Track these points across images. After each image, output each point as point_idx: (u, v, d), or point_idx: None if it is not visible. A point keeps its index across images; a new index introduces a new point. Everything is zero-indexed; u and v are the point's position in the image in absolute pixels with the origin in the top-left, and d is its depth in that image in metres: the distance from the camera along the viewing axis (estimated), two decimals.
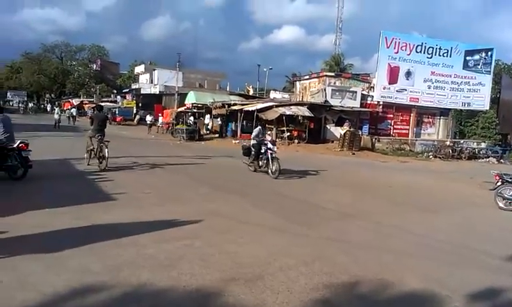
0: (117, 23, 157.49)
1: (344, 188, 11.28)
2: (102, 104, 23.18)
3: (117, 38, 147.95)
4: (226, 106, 29.15)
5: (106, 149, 11.24)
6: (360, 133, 27.68)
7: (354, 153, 23.89)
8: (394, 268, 5.28)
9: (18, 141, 9.26)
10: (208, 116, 30.07)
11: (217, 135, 28.57)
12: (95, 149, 11.47)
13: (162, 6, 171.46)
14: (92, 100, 57.20)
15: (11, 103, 66.53)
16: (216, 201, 8.48)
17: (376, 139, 28.66)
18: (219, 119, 29.90)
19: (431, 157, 27.17)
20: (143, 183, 9.99)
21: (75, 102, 55.07)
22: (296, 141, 25.98)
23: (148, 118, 31.68)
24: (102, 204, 7.56)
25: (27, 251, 4.87)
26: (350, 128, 26.76)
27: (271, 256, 5.31)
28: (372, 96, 31.34)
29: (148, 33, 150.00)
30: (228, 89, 41.74)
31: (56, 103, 52.88)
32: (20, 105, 53.09)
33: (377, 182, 13.66)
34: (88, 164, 11.69)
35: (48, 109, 36.62)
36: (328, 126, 28.82)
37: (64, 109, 46.89)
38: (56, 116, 29.61)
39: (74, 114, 39.67)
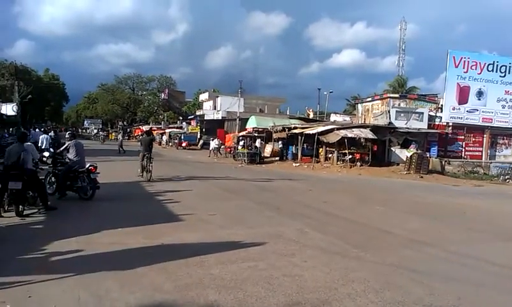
0: (183, 55, 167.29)
1: (412, 214, 10.70)
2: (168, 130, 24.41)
3: (183, 69, 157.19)
4: (287, 130, 29.31)
5: (151, 165, 14.43)
6: (428, 155, 26.26)
7: (422, 177, 22.67)
8: (473, 300, 4.88)
9: (88, 164, 10.18)
10: (259, 140, 30.34)
11: (277, 158, 28.74)
12: (144, 165, 14.59)
13: (224, 37, 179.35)
14: (160, 126, 60.58)
15: (87, 131, 72.56)
16: (277, 224, 8.48)
17: (445, 161, 27.00)
18: (280, 142, 30.12)
19: (508, 180, 24.96)
20: (208, 205, 10.28)
21: (145, 128, 58.61)
22: (359, 163, 25.27)
23: (214, 143, 32.10)
24: (171, 224, 7.91)
25: (103, 268, 5.20)
26: (417, 150, 25.51)
27: (336, 281, 5.17)
28: (441, 118, 29.76)
29: (211, 63, 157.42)
30: (288, 113, 41.98)
31: (119, 130, 56.66)
32: (100, 133, 57.12)
33: (450, 207, 12.80)
34: (140, 176, 14.50)
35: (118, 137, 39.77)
36: (392, 149, 27.69)
37: (135, 135, 50.03)
38: (118, 142, 32.73)
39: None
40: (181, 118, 65.80)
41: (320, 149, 27.37)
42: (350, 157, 25.14)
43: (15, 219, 7.74)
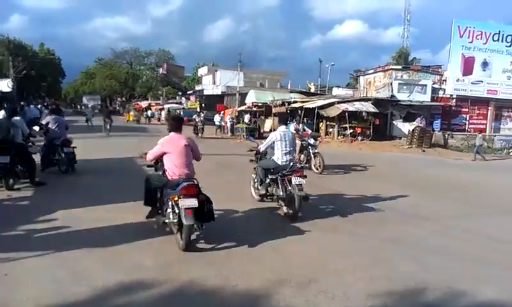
0: (181, 28, 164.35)
1: (410, 188, 10.43)
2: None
3: (181, 42, 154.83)
4: (287, 104, 28.85)
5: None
6: (431, 129, 25.88)
7: (424, 151, 22.38)
8: (468, 276, 4.68)
9: (62, 138, 10.13)
10: (247, 115, 29.85)
11: None
12: None
13: (222, 10, 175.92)
14: (159, 102, 59.99)
15: (88, 107, 71.93)
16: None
17: (449, 135, 26.63)
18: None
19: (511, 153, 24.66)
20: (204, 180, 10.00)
21: (144, 104, 58.05)
22: (360, 138, 24.93)
23: (217, 118, 30.55)
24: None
25: (84, 245, 5.01)
26: (423, 124, 25.07)
27: (324, 258, 4.98)
28: (444, 90, 29.25)
29: (210, 36, 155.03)
30: (289, 88, 41.28)
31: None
32: (97, 107, 56.53)
33: (450, 181, 12.56)
34: None
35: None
36: (394, 123, 27.28)
37: (137, 109, 49.52)
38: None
39: (149, 115, 44.44)
40: (180, 93, 65.09)
41: (321, 123, 27.00)
42: (351, 131, 24.82)
43: (1, 194, 7.53)
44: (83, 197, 7.69)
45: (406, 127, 25.88)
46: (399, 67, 32.83)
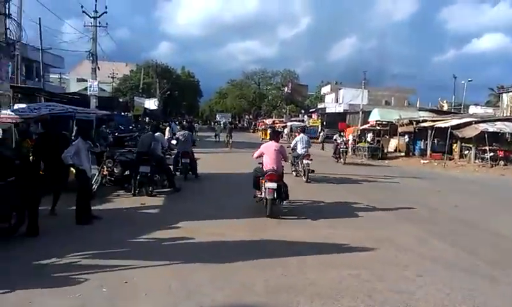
0: (306, 48, 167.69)
1: None
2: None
3: (306, 62, 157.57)
4: (414, 123, 26.68)
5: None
6: None
7: None
8: None
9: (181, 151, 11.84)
10: (370, 134, 27.94)
11: (402, 154, 26.39)
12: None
13: (348, 28, 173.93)
14: (282, 119, 61.62)
15: (220, 124, 77.98)
16: (392, 228, 7.53)
17: None
18: (406, 137, 27.60)
19: None
20: (318, 206, 9.77)
21: (268, 122, 60.32)
22: (502, 162, 21.55)
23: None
24: (276, 220, 7.62)
25: (198, 259, 5.21)
26: None
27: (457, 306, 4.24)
28: None
29: (335, 55, 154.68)
30: (417, 106, 38.27)
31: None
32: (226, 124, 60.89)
33: None
34: None
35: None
36: None
37: (259, 128, 51.79)
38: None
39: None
40: (303, 111, 65.91)
41: (454, 145, 24.21)
42: (491, 154, 21.63)
43: (135, 203, 8.47)
44: (205, 210, 8.17)
45: None
46: None
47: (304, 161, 12.50)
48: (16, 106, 11.54)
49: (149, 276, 4.67)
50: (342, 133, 22.06)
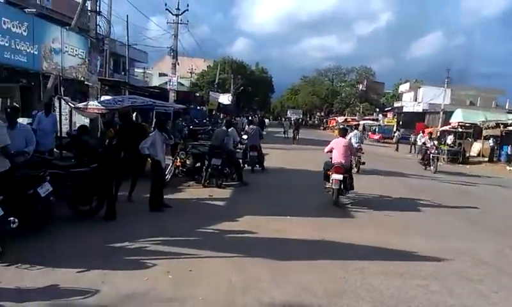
0: (385, 45, 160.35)
1: None
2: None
3: (384, 60, 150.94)
4: (502, 126, 24.27)
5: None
6: None
7: None
8: None
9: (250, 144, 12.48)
10: (451, 136, 25.51)
11: (486, 159, 24.16)
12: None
13: (433, 24, 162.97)
14: (355, 117, 59.80)
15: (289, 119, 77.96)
16: (469, 239, 6.95)
17: None
18: (490, 140, 25.20)
19: None
20: (386, 203, 9.36)
21: (340, 119, 58.92)
22: None
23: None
24: (340, 220, 7.51)
25: (260, 254, 5.27)
26: None
27: None
28: None
29: (416, 52, 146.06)
30: (507, 107, 34.78)
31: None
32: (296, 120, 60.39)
33: None
34: None
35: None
36: None
37: (330, 125, 50.85)
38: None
39: None
40: (377, 110, 63.31)
41: None
42: None
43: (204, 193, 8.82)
44: (269, 205, 8.25)
45: None
46: None
47: (357, 154, 13.56)
48: (102, 98, 12.61)
49: (212, 267, 4.82)
50: (431, 136, 19.63)
